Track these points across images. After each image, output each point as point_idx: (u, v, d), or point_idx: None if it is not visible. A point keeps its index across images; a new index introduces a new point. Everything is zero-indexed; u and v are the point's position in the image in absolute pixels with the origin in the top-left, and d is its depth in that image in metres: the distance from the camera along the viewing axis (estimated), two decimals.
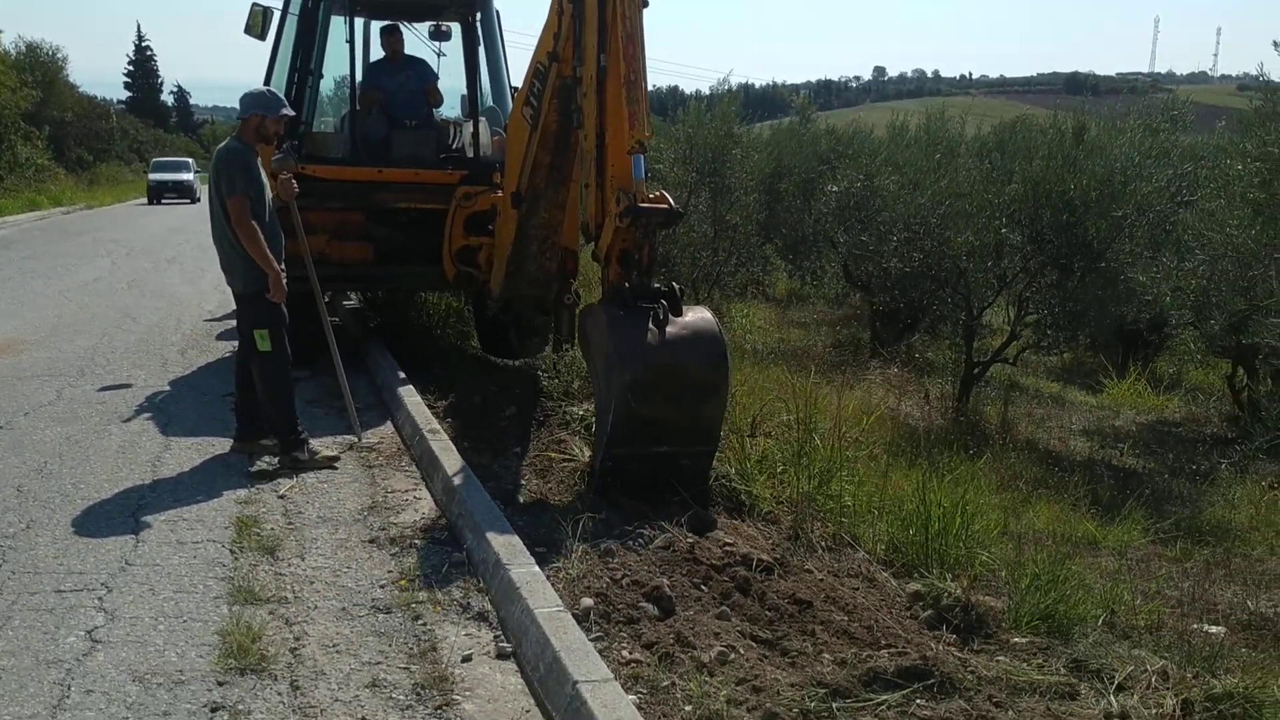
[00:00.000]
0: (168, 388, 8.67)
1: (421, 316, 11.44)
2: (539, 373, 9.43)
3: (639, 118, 6.14)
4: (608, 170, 6.25)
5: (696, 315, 6.10)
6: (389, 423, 7.87)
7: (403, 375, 8.58)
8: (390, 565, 5.12)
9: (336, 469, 6.69)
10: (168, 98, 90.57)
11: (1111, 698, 4.34)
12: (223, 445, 7.03)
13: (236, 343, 7.00)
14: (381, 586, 4.86)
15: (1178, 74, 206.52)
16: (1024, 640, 4.94)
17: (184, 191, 43.99)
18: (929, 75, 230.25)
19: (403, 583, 4.82)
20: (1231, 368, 13.61)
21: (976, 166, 12.76)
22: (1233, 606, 6.61)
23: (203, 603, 4.60)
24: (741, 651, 4.47)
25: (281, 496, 6.14)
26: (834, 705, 4.05)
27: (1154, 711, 4.23)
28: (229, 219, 6.42)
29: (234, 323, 11.59)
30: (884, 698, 4.15)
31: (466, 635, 4.41)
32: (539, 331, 9.73)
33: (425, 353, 9.81)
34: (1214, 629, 5.99)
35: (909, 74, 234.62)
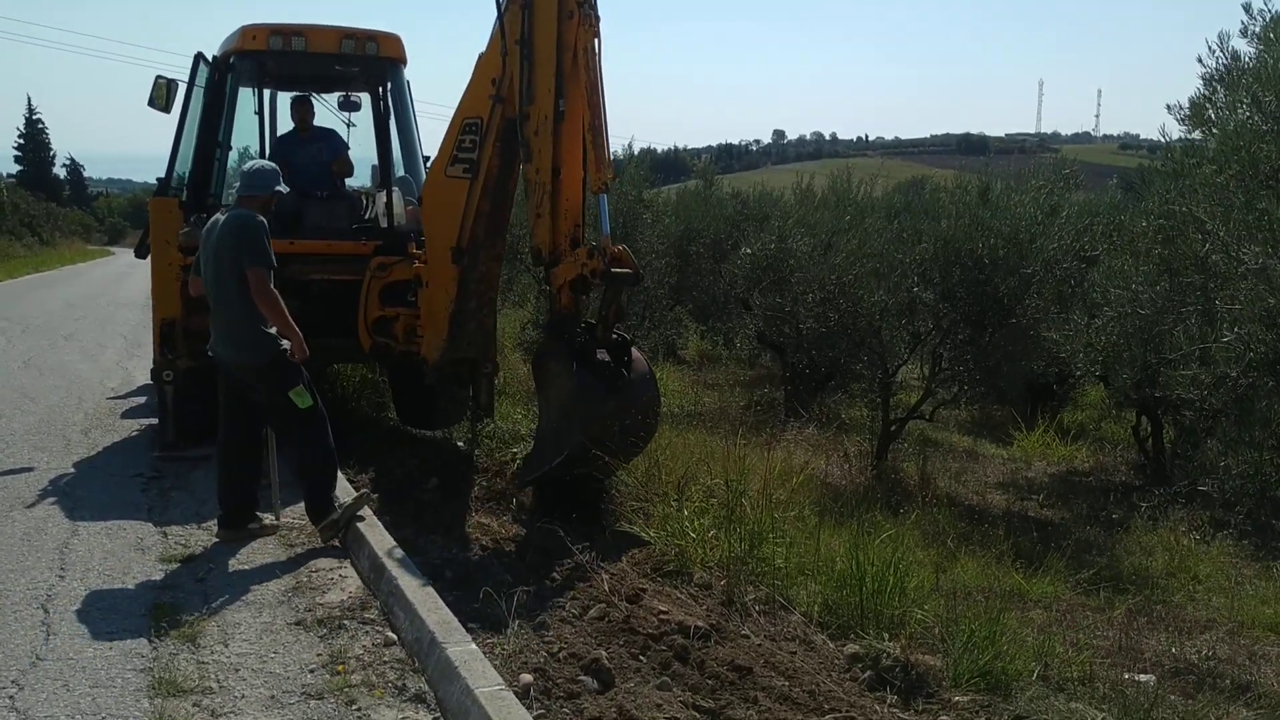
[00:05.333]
0: (72, 470, 8.34)
1: (335, 389, 11.23)
2: (459, 444, 9.32)
3: (604, 160, 6.66)
4: (561, 204, 6.91)
5: (637, 365, 6.90)
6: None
7: None
8: (319, 648, 4.94)
9: (364, 519, 6.54)
10: (60, 171, 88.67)
11: None
12: (134, 528, 6.78)
13: (223, 421, 6.73)
14: (311, 671, 4.68)
15: (1062, 134, 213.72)
16: (965, 699, 4.94)
17: None
18: (827, 138, 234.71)
19: (339, 668, 4.65)
20: (1136, 418, 13.96)
21: (886, 227, 13.04)
22: (1159, 654, 6.70)
23: (121, 697, 4.38)
24: None
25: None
26: None
27: None
28: (245, 291, 6.25)
29: (139, 400, 11.36)
30: None
31: (404, 719, 4.26)
32: (458, 401, 9.61)
33: (341, 426, 9.59)
34: (1144, 678, 6.05)
35: (808, 136, 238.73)
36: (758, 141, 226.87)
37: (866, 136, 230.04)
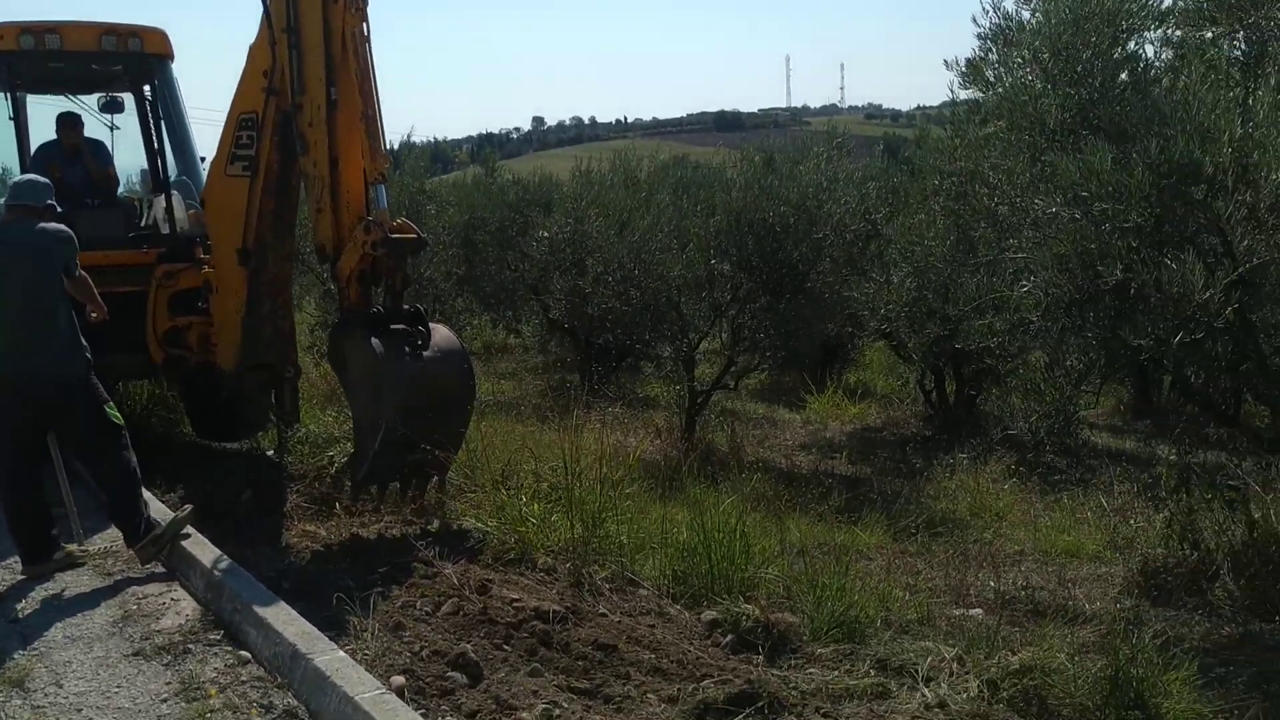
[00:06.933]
0: None
1: (123, 407, 10.57)
2: (268, 453, 8.98)
3: (379, 151, 6.54)
4: (342, 196, 6.61)
5: (441, 335, 6.72)
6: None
7: None
8: (167, 676, 4.65)
9: (189, 536, 6.21)
10: None
11: (924, 689, 4.53)
12: None
13: (8, 451, 6.19)
14: (164, 701, 4.41)
15: (812, 107, 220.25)
16: (828, 650, 5.09)
17: None
18: (586, 122, 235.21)
19: (211, 690, 4.39)
20: (921, 372, 14.66)
21: (675, 202, 13.27)
22: (982, 589, 7.06)
23: None
24: (565, 705, 4.38)
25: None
26: None
27: (965, 695, 4.44)
28: (66, 301, 6.14)
29: None
30: None
31: None
32: (261, 409, 9.22)
33: (137, 445, 9.05)
34: (975, 612, 6.38)
35: (567, 122, 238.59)
36: (518, 129, 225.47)
37: (625, 118, 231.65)
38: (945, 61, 7.93)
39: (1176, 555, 7.22)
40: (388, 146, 6.99)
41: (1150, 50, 7.03)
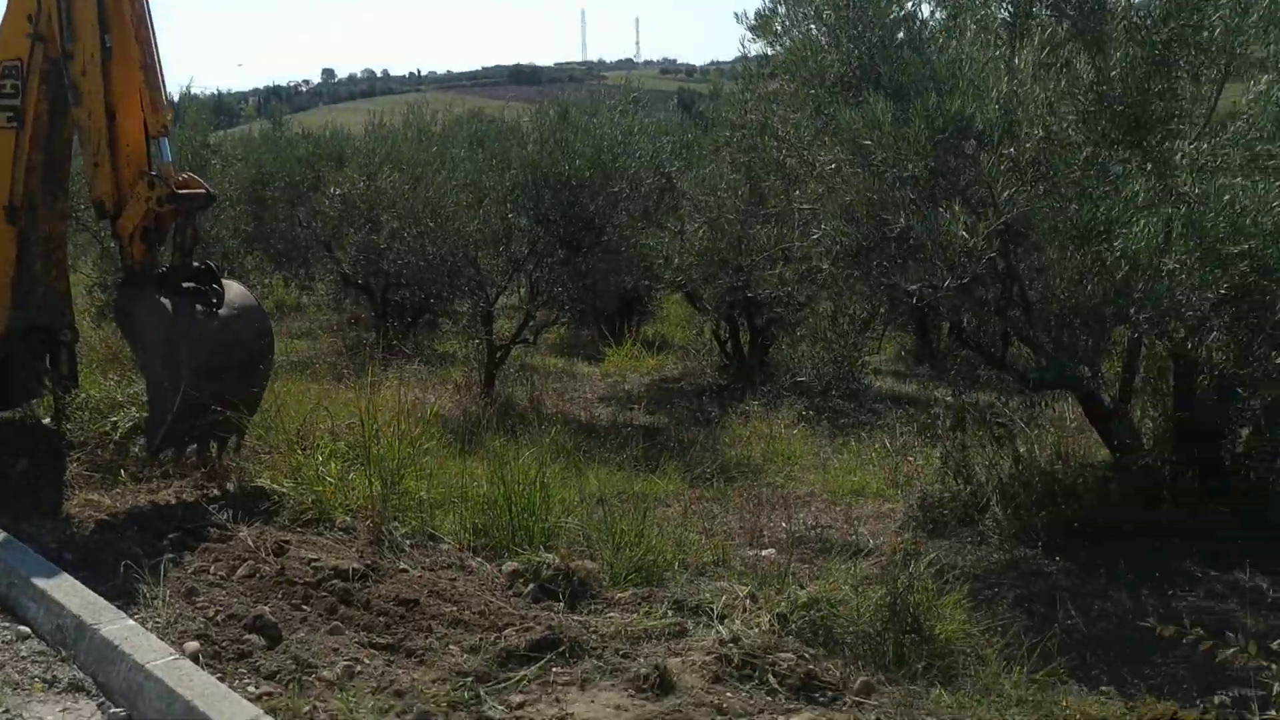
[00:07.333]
0: None
1: None
2: (44, 421, 8.53)
3: (161, 102, 6.30)
4: (121, 149, 6.31)
5: (235, 292, 6.55)
6: None
7: None
8: None
9: None
10: None
11: (719, 626, 4.71)
12: None
13: None
14: None
15: (607, 61, 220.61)
16: (626, 595, 5.23)
17: None
18: (379, 75, 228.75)
19: None
20: (716, 323, 15.02)
21: (471, 156, 13.17)
22: (775, 530, 7.36)
23: None
24: (367, 661, 4.38)
25: None
26: (480, 690, 4.09)
27: (757, 630, 4.64)
28: None
29: None
30: (523, 673, 4.26)
31: (64, 711, 3.92)
32: (33, 375, 8.75)
33: None
34: (767, 552, 6.65)
35: (359, 74, 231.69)
36: (307, 82, 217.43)
37: (419, 72, 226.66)
38: (735, 14, 8.09)
39: (951, 490, 7.71)
40: (168, 98, 6.71)
41: (926, 10, 7.37)
